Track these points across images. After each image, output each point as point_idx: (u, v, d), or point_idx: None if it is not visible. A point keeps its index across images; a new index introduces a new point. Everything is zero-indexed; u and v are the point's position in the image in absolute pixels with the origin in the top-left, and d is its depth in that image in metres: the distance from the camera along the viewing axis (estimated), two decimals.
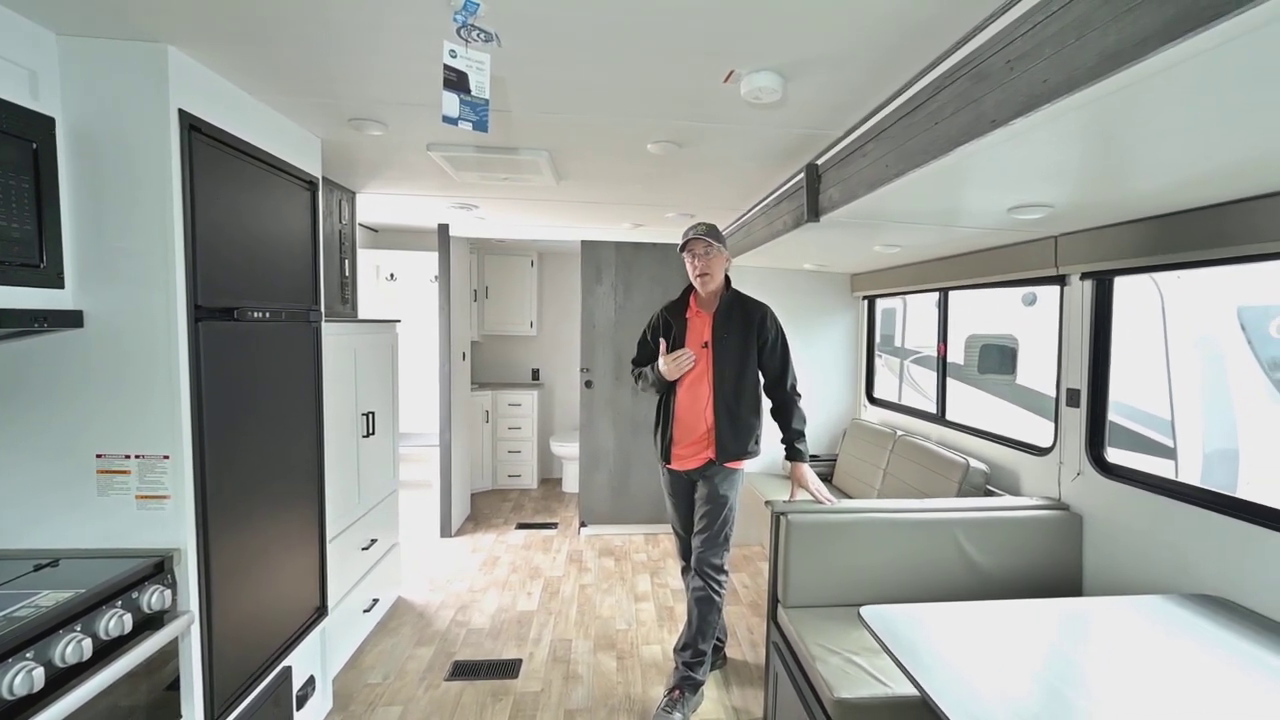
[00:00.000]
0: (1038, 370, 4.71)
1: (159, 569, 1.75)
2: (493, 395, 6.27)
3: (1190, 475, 3.66)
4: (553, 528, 5.33)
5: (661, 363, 2.83)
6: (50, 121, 1.65)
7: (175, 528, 1.82)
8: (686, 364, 2.79)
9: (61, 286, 1.68)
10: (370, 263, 5.23)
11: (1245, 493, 2.09)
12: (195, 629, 1.85)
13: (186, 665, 1.83)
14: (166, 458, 1.80)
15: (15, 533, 1.77)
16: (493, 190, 3.48)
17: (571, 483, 6.22)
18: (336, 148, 2.73)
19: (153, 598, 1.69)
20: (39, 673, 1.32)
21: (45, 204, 1.61)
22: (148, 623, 1.69)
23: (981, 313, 5.21)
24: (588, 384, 5.13)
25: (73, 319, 1.70)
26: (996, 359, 5.16)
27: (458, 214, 4.32)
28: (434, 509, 5.06)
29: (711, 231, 2.79)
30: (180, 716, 1.81)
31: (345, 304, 3.43)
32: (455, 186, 3.43)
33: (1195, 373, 3.83)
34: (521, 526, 5.35)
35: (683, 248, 2.83)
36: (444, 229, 4.82)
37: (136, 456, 1.79)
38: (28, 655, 1.34)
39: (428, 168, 3.05)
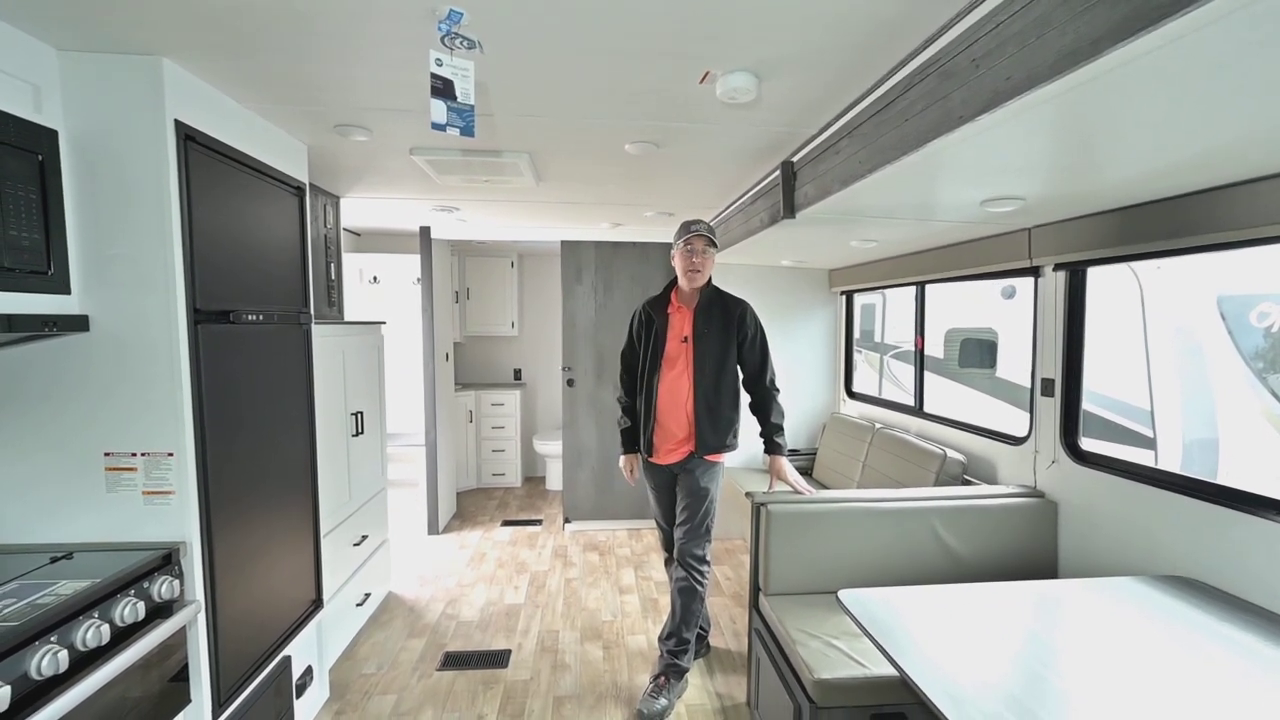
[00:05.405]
0: (1017, 363, 4.70)
1: (167, 560, 1.83)
2: (476, 395, 6.32)
3: (1170, 465, 3.71)
4: (538, 524, 5.41)
5: (623, 462, 3.20)
6: (53, 134, 1.71)
7: (180, 522, 1.90)
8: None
9: (68, 292, 1.75)
10: (354, 266, 5.28)
11: (1222, 479, 2.14)
12: (202, 617, 1.93)
13: (194, 652, 1.91)
14: (171, 455, 1.87)
15: (29, 528, 1.84)
16: (474, 192, 3.54)
17: (555, 480, 6.29)
18: (322, 153, 2.79)
19: (163, 587, 1.76)
20: (63, 655, 1.40)
21: (51, 213, 1.68)
22: (158, 611, 1.77)
23: (962, 307, 5.25)
24: (569, 383, 5.20)
25: (79, 323, 1.77)
26: (976, 353, 5.18)
27: (439, 216, 4.37)
28: (421, 507, 5.12)
29: (713, 232, 2.88)
30: (190, 702, 1.88)
31: (332, 307, 3.48)
32: (437, 189, 3.48)
33: (1175, 363, 3.87)
34: (507, 523, 5.42)
35: (685, 241, 2.87)
36: (426, 231, 4.88)
37: (142, 454, 1.86)
38: (52, 639, 1.42)
39: (410, 172, 3.11)
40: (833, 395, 5.10)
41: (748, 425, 2.99)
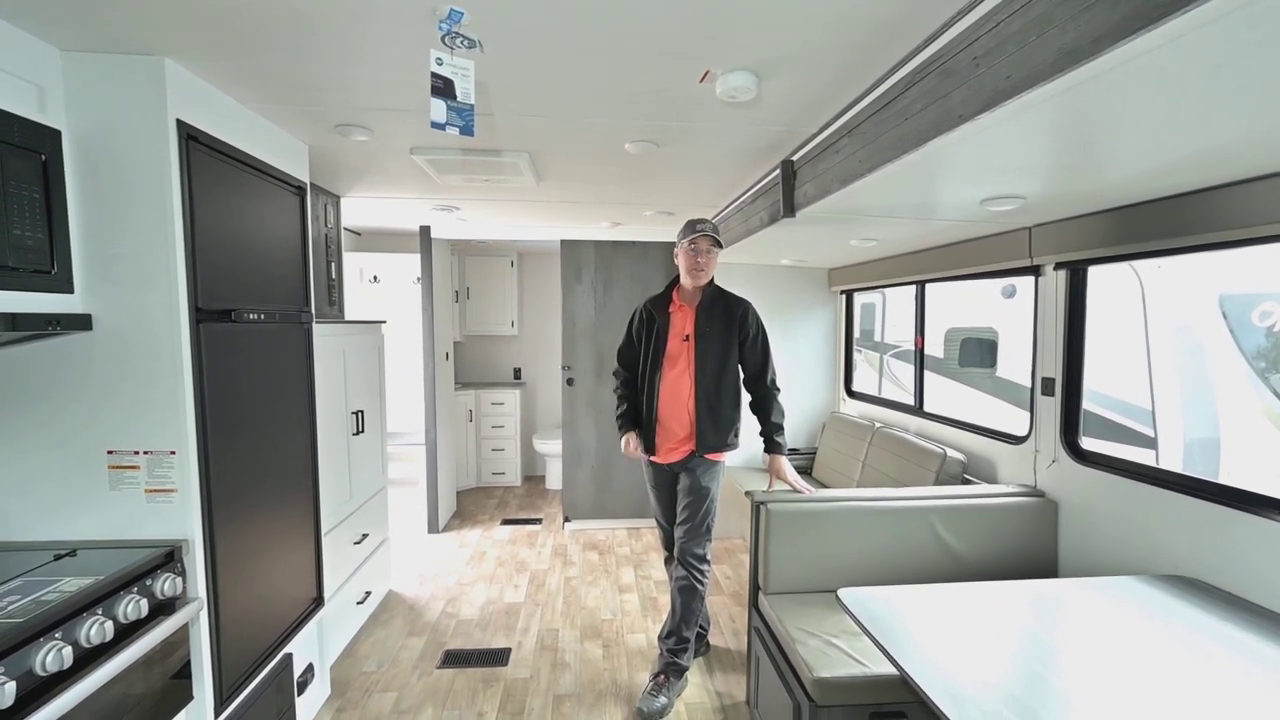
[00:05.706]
0: (1018, 363, 4.69)
1: (169, 558, 1.83)
2: (476, 394, 6.33)
3: (1171, 464, 3.70)
4: (537, 523, 5.42)
5: (623, 441, 3.12)
6: (57, 134, 1.71)
7: (183, 520, 1.90)
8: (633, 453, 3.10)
9: (71, 291, 1.75)
10: (354, 265, 5.28)
11: (1223, 478, 2.13)
12: (204, 615, 1.94)
13: (197, 649, 1.92)
14: (173, 453, 1.88)
15: (33, 525, 1.85)
16: (474, 192, 3.54)
17: (555, 479, 6.30)
18: (323, 153, 2.79)
19: (165, 585, 1.77)
20: (68, 651, 1.41)
21: (54, 213, 1.68)
22: (160, 608, 1.77)
23: (962, 306, 5.25)
24: (569, 382, 5.21)
25: (82, 322, 1.78)
26: (976, 352, 5.17)
27: (439, 216, 4.37)
28: (421, 506, 5.14)
29: (717, 231, 2.87)
30: (192, 699, 1.89)
31: (332, 306, 3.49)
32: (437, 189, 3.48)
33: (1176, 362, 3.87)
34: (507, 522, 5.42)
35: (690, 240, 2.86)
36: (426, 231, 4.88)
37: (145, 453, 1.87)
38: (56, 635, 1.43)
39: (410, 171, 3.11)
40: (832, 394, 5.10)
41: (748, 424, 3.00)
